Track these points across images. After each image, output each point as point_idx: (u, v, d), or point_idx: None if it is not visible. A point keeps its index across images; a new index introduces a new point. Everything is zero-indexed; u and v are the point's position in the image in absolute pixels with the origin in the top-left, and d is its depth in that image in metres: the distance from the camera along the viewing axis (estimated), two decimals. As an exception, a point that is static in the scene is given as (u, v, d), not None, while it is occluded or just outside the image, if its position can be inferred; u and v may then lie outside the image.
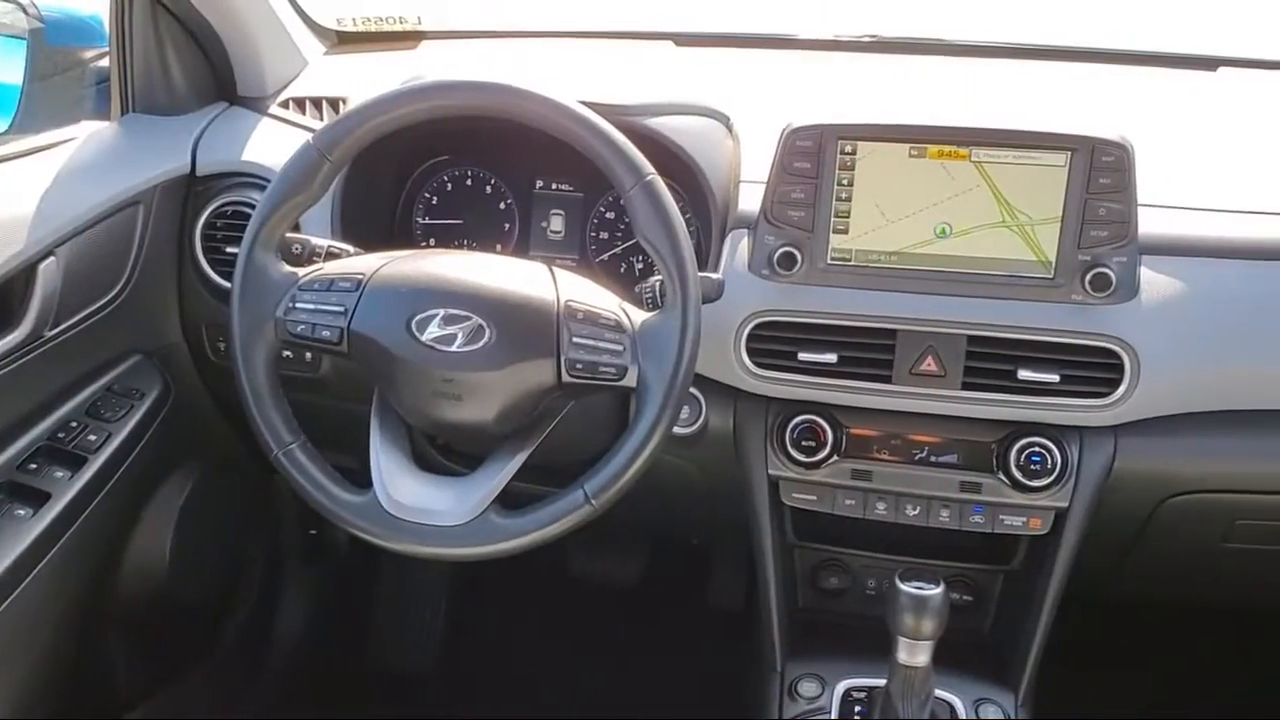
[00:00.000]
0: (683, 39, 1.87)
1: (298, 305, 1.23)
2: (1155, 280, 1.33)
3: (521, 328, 1.19)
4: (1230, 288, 1.34)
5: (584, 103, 1.23)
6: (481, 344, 1.18)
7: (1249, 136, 1.58)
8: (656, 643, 2.24)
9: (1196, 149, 1.53)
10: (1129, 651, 2.09)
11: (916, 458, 1.40)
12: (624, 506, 1.21)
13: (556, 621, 2.30)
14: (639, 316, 1.21)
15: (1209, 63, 1.77)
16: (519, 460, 1.23)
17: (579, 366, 1.19)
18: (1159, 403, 1.33)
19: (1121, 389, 1.32)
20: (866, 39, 1.85)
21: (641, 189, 1.19)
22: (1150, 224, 1.33)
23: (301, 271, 1.25)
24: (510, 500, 1.22)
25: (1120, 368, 1.31)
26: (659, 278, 1.22)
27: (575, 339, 1.19)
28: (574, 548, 2.19)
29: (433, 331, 1.19)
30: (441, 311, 1.19)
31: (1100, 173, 1.29)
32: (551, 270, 1.24)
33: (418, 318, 1.19)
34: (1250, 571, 1.54)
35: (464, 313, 1.19)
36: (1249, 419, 1.35)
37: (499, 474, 1.22)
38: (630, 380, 1.19)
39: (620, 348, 1.19)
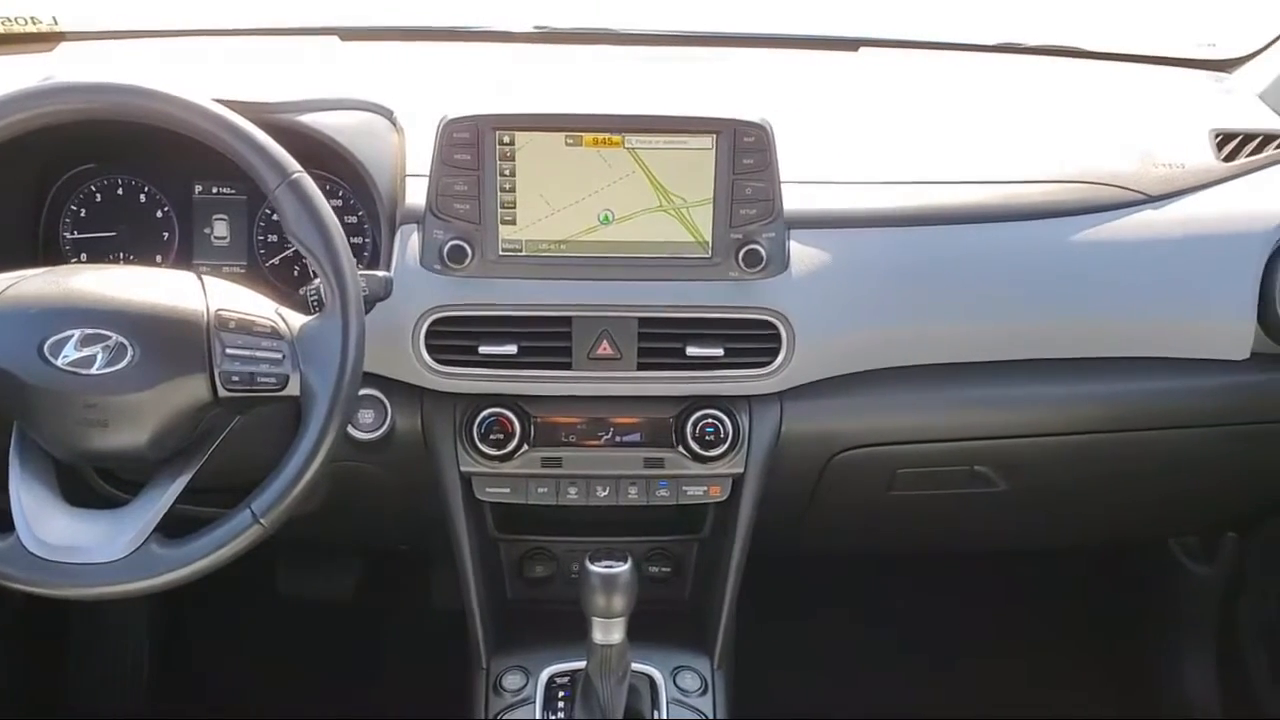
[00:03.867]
0: (348, 33, 1.82)
1: None
2: (804, 253, 1.40)
3: (168, 342, 1.13)
4: (873, 255, 1.43)
5: (223, 101, 1.18)
6: (124, 363, 1.11)
7: (888, 112, 1.69)
8: (379, 653, 2.19)
9: (841, 126, 1.62)
10: (820, 603, 2.22)
11: (604, 439, 1.43)
12: (317, 518, 1.16)
13: (271, 647, 2.20)
14: (298, 321, 1.17)
15: (850, 44, 1.89)
16: (179, 485, 1.16)
17: (235, 379, 1.13)
18: (816, 367, 1.41)
19: (780, 358, 1.38)
20: (533, 29, 1.87)
21: (287, 188, 1.16)
22: (798, 200, 1.40)
23: None
24: (180, 527, 1.16)
25: (778, 338, 1.38)
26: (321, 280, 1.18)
27: (229, 350, 1.13)
28: (280, 566, 2.11)
29: (69, 354, 1.11)
30: (77, 332, 1.11)
31: (744, 153, 1.34)
32: (200, 278, 1.18)
33: (51, 340, 1.11)
34: (913, 517, 1.67)
35: (103, 331, 1.11)
36: (898, 375, 1.45)
37: (158, 501, 1.15)
38: (293, 389, 1.15)
39: (279, 355, 1.14)
